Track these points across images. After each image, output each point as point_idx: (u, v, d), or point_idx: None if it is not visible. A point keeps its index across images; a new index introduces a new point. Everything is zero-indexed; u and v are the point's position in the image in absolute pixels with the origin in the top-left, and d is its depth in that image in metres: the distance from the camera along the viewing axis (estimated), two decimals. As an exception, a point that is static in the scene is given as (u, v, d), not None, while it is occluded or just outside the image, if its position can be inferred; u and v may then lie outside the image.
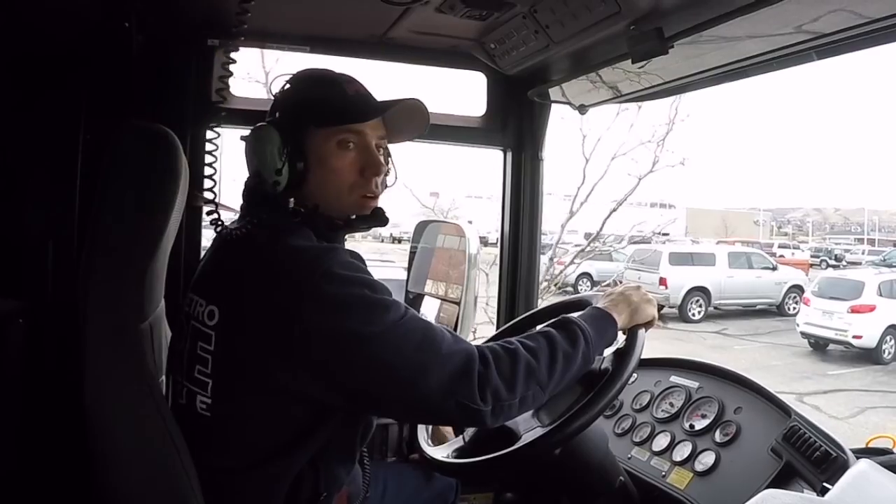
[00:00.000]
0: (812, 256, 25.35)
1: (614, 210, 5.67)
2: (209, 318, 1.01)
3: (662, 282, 12.59)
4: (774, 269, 14.50)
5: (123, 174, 1.02)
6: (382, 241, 20.90)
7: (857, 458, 1.17)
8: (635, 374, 1.44)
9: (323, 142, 1.05)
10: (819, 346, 10.32)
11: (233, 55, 1.12)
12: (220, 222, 1.09)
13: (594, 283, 12.25)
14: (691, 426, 1.42)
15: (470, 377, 0.96)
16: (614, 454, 1.36)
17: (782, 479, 1.21)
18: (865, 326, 9.82)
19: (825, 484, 1.12)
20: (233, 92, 1.68)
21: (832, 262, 23.65)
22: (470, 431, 1.26)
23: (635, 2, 1.22)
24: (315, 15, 1.54)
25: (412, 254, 1.85)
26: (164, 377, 1.15)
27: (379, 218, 1.12)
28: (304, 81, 1.11)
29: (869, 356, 9.75)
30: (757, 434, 1.32)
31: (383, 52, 1.70)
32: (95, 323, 0.98)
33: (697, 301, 12.88)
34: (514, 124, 1.89)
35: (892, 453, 1.29)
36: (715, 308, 13.16)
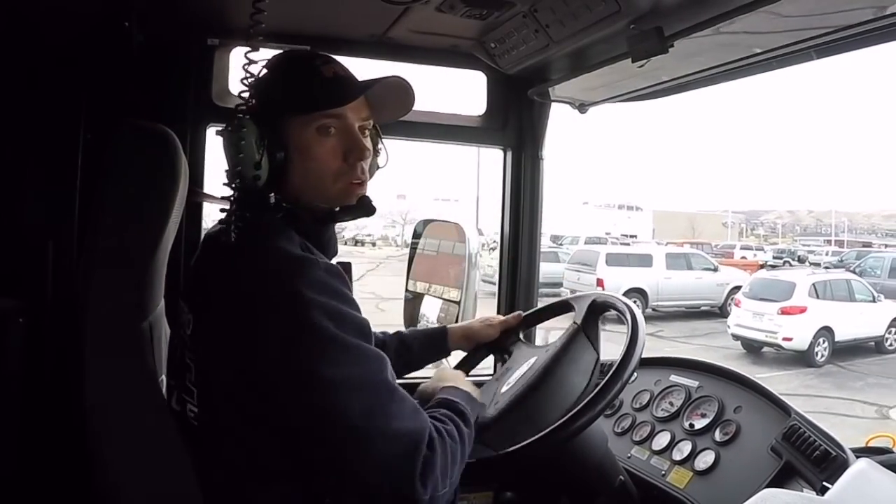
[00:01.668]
0: (774, 258, 24.99)
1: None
2: (188, 325, 0.99)
3: (599, 283, 12.52)
4: (715, 270, 14.39)
5: (123, 174, 1.02)
6: (345, 243, 19.62)
7: (857, 457, 1.17)
8: (635, 374, 1.44)
9: (301, 129, 0.98)
10: (753, 349, 10.10)
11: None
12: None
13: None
14: (691, 425, 1.42)
15: (413, 463, 0.86)
16: (614, 453, 1.36)
17: (782, 479, 1.21)
18: (796, 328, 9.61)
19: (825, 483, 1.13)
20: (232, 91, 1.68)
21: (795, 264, 23.30)
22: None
23: (635, 1, 1.22)
24: (315, 14, 1.54)
25: (412, 252, 1.85)
26: (163, 377, 1.15)
27: (364, 207, 1.04)
28: (279, 66, 1.03)
29: (802, 359, 9.59)
30: (757, 433, 1.32)
31: (383, 51, 1.70)
32: (95, 322, 0.98)
33: (634, 302, 12.68)
34: (515, 123, 1.89)
35: (892, 452, 1.29)
36: (653, 310, 13.05)
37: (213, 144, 1.67)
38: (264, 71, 1.02)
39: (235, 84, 1.68)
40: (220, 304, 0.92)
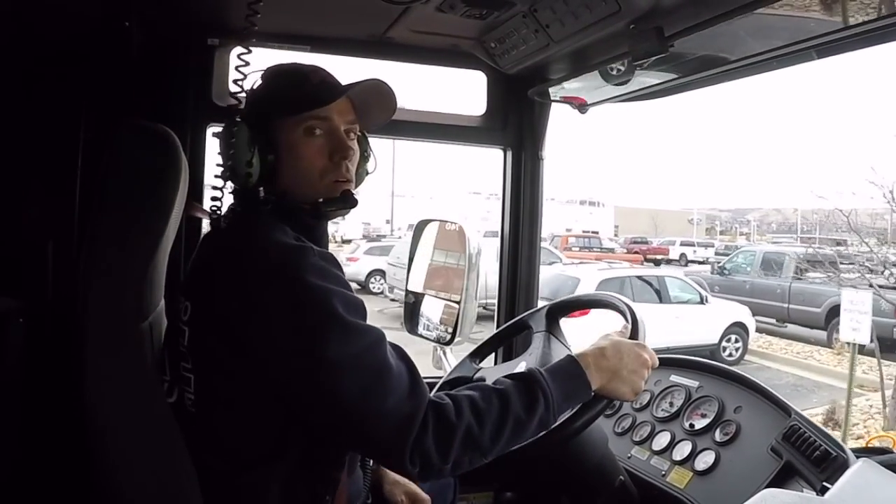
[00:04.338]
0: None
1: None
2: (184, 313, 1.03)
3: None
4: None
5: (123, 174, 1.02)
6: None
7: (857, 457, 1.17)
8: None
9: (290, 130, 1.05)
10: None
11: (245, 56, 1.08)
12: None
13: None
14: (691, 425, 1.42)
15: (403, 440, 0.91)
16: (614, 453, 1.36)
17: (782, 479, 1.21)
18: (572, 334, 8.29)
19: (825, 483, 1.12)
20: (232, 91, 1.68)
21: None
22: None
23: (635, 1, 1.22)
24: (315, 14, 1.54)
25: (412, 253, 1.85)
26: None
27: (346, 200, 1.08)
28: (272, 76, 1.11)
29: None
30: (757, 433, 1.32)
31: (383, 51, 1.70)
32: (95, 322, 0.98)
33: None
34: (515, 123, 1.89)
35: (892, 453, 1.29)
36: (484, 308, 11.75)
37: (214, 144, 1.67)
38: (259, 80, 1.11)
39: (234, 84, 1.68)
40: (223, 295, 0.97)
